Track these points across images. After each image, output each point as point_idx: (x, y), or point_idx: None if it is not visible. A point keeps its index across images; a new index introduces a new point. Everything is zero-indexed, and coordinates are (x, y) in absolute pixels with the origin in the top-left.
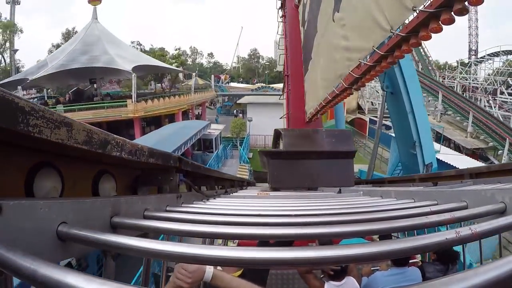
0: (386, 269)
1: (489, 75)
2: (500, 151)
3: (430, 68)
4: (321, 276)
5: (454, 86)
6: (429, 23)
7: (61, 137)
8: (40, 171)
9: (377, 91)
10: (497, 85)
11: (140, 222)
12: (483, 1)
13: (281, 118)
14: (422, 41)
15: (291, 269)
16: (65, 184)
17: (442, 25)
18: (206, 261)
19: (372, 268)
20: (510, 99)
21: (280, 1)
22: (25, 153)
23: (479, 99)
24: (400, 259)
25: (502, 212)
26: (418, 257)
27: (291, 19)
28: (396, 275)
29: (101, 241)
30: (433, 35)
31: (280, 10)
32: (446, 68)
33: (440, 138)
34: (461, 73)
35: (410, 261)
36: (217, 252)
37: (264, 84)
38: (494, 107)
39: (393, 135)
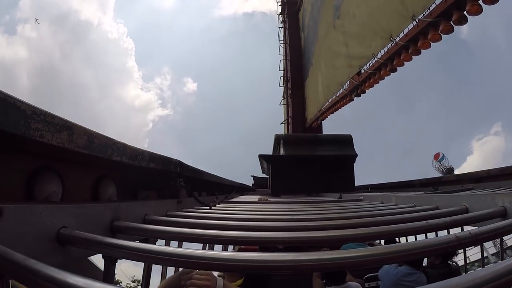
0: None
1: None
2: None
3: None
4: (323, 281)
5: None
6: (428, 32)
7: (62, 141)
8: (40, 175)
9: None
10: None
11: (141, 226)
12: (482, 11)
13: (281, 123)
14: (422, 49)
15: (295, 274)
16: (66, 188)
17: (441, 34)
18: (208, 266)
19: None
20: None
21: (280, 7)
22: (26, 156)
23: None
24: (414, 260)
25: (502, 216)
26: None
27: (291, 25)
28: (407, 276)
29: (101, 246)
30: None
31: (280, 15)
32: None
33: None
34: None
35: None
36: (218, 257)
37: None
38: None
39: None
